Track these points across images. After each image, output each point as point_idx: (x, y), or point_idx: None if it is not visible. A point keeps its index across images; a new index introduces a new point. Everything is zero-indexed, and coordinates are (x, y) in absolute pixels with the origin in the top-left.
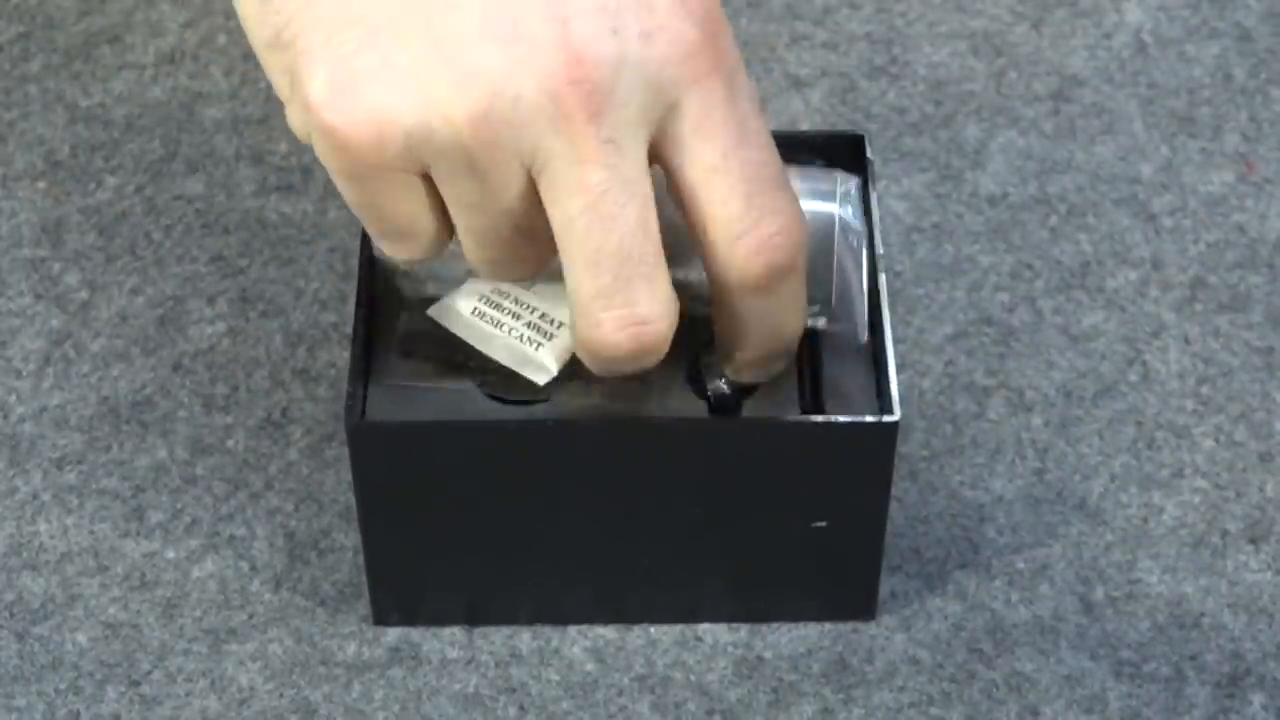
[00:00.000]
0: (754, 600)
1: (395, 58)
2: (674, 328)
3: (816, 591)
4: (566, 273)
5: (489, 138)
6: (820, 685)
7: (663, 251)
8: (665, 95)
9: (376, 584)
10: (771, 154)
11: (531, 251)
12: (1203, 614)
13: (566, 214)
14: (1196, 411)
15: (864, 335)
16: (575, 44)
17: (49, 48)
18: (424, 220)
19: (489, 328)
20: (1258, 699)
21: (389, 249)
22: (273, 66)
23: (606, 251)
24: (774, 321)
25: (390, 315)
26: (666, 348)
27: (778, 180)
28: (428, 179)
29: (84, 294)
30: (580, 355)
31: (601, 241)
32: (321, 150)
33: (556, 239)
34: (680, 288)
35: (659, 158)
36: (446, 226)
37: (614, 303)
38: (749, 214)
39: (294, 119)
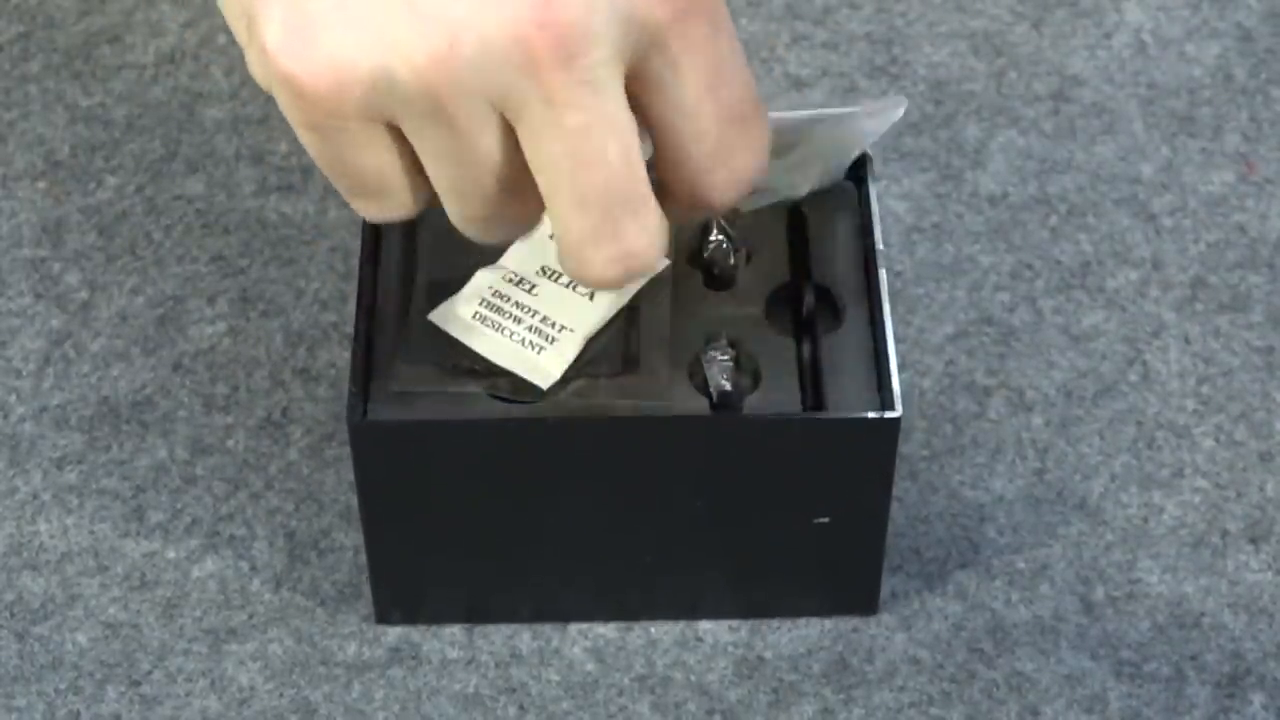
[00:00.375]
0: (757, 596)
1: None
2: (664, 249)
3: (819, 587)
4: (550, 214)
5: (452, 81)
6: (820, 685)
7: (648, 180)
8: (642, 34)
9: (378, 582)
10: (748, 87)
11: (519, 207)
12: (1203, 614)
13: (548, 159)
14: (1197, 411)
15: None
16: None
17: (49, 48)
18: (394, 175)
19: (491, 332)
20: (1258, 699)
21: (362, 209)
22: (230, 12)
23: (593, 194)
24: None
25: (392, 318)
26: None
27: (753, 114)
28: (397, 132)
29: (84, 294)
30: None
31: (586, 185)
32: (281, 99)
33: (539, 182)
34: None
35: (631, 93)
36: (420, 182)
37: (602, 242)
38: (721, 151)
39: (254, 66)
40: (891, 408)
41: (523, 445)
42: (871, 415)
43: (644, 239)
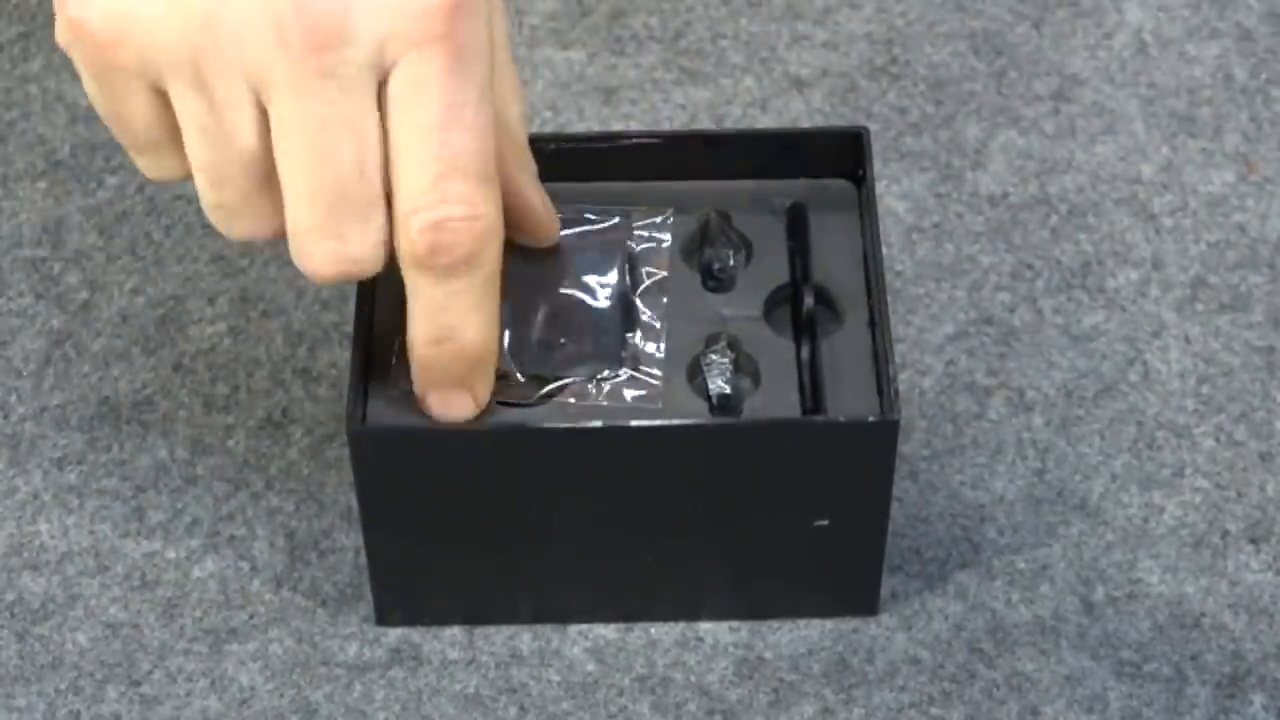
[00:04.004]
0: (757, 598)
1: None
2: (381, 265)
3: (819, 588)
4: (285, 200)
5: (212, 49)
6: (820, 685)
7: (381, 191)
8: (391, 48)
9: (379, 585)
10: (481, 146)
11: (264, 202)
12: (1203, 614)
13: (286, 145)
14: (1197, 411)
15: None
16: None
17: (49, 48)
18: (163, 136)
19: None
20: (1258, 699)
21: (141, 166)
22: None
23: (322, 190)
24: (444, 320)
25: (392, 317)
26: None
27: (478, 174)
28: (167, 98)
29: (84, 294)
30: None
31: (317, 179)
32: (72, 51)
33: (278, 169)
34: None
35: (382, 110)
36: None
37: (324, 237)
38: (432, 193)
39: (58, 28)
40: (891, 410)
41: (522, 450)
42: (871, 418)
43: (365, 247)
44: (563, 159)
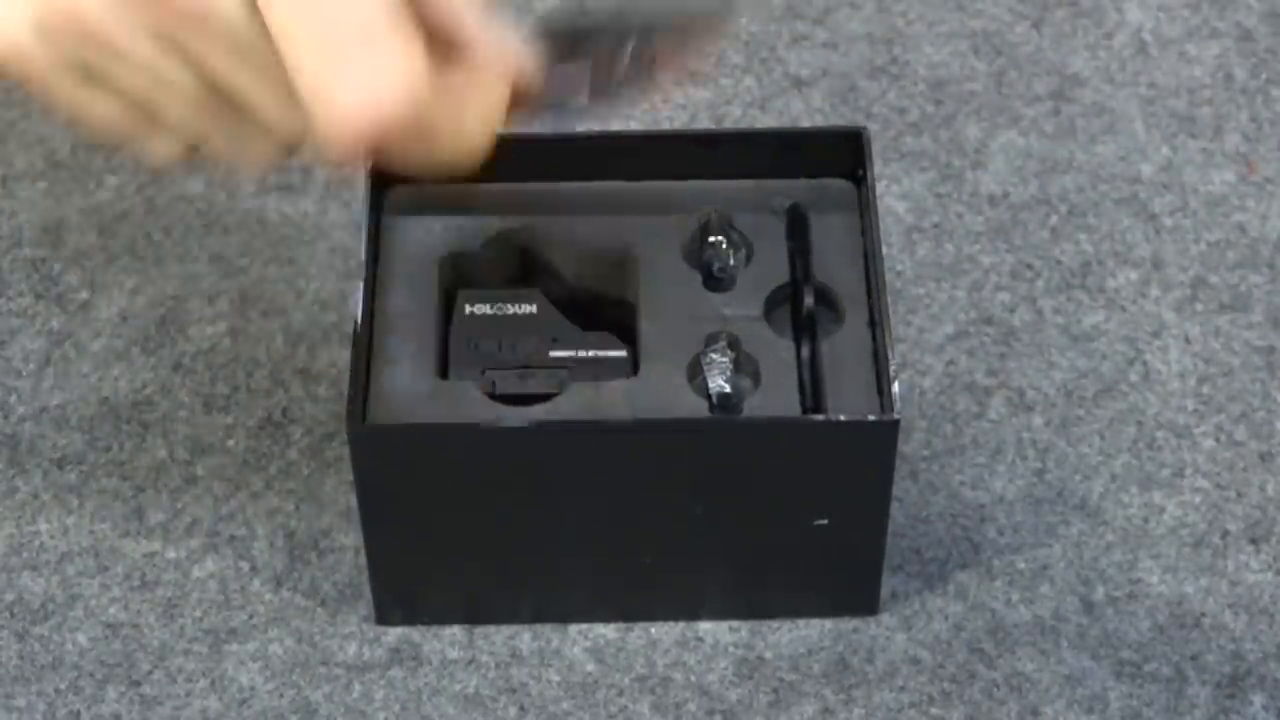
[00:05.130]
0: (757, 597)
1: None
2: (409, 92)
3: (819, 588)
4: (291, 65)
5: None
6: (820, 685)
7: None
8: None
9: (379, 584)
10: (357, 5)
11: (250, 127)
12: (1203, 614)
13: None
14: (1197, 411)
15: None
16: None
17: None
18: (131, 115)
19: None
20: (1258, 699)
21: (148, 151)
22: None
23: (325, 24)
24: (419, 153)
25: (392, 318)
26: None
27: (364, 34)
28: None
29: (84, 294)
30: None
31: (316, 18)
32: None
33: (271, 30)
34: None
35: None
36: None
37: (339, 67)
38: (320, 82)
39: None
40: (891, 411)
41: (522, 449)
42: (871, 418)
43: (387, 74)
44: (563, 159)
